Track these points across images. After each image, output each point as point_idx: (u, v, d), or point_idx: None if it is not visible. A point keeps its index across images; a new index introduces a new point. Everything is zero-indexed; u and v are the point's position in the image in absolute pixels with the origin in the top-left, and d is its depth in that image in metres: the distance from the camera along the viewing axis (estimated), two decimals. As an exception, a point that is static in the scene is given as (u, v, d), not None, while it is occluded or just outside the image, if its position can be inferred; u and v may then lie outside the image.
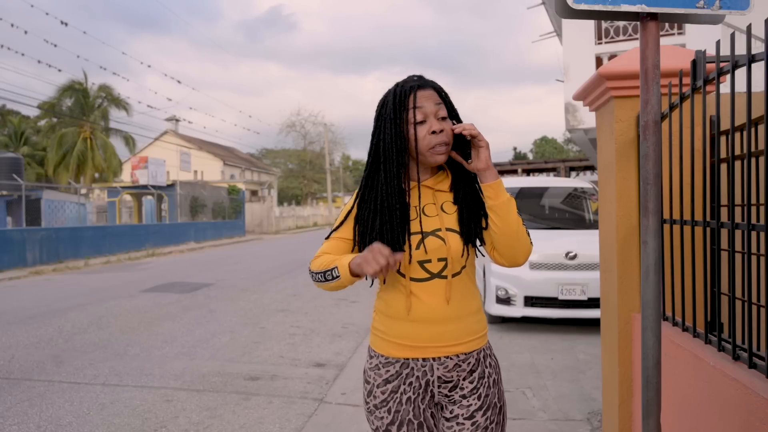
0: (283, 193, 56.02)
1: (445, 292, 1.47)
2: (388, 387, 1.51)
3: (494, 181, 1.43)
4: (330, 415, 3.73)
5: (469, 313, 1.52)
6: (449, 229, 1.49)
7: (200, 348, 5.58)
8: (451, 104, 1.52)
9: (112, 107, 30.26)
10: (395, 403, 1.50)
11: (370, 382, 1.54)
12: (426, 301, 1.47)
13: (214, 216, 26.58)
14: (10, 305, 8.35)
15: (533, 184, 8.07)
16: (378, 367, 1.53)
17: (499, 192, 1.43)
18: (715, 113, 1.84)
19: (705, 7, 1.44)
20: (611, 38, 14.17)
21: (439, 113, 1.46)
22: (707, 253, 1.98)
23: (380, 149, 1.49)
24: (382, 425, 1.51)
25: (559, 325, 6.27)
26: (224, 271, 12.57)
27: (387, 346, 1.52)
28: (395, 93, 1.49)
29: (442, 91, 1.51)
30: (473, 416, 1.49)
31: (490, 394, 1.52)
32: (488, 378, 1.53)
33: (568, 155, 51.40)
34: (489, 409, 1.50)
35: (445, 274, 1.47)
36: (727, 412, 1.68)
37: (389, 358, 1.51)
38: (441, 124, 1.45)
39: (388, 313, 1.53)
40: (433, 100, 1.47)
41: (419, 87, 1.47)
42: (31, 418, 3.75)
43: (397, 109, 1.46)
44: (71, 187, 20.20)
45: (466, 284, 1.52)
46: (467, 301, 1.51)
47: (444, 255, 1.47)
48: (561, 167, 21.14)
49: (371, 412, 1.54)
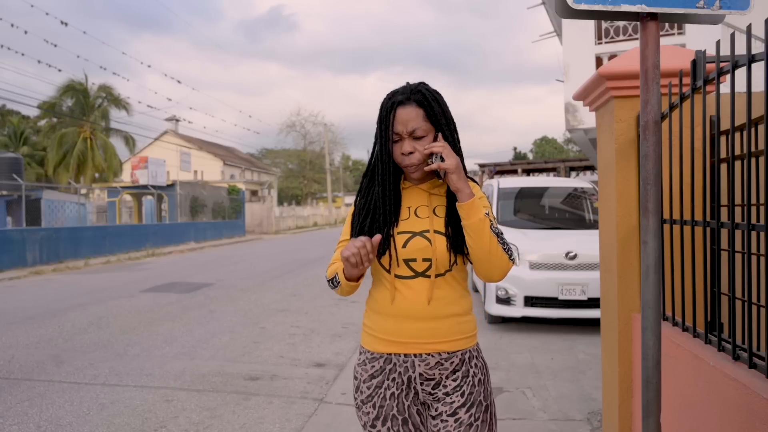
0: (283, 193, 56.03)
1: (427, 291, 1.50)
2: (373, 382, 1.54)
3: (465, 202, 1.43)
4: (330, 415, 3.73)
5: (453, 315, 1.53)
6: (437, 232, 1.52)
7: (200, 348, 5.58)
8: (442, 115, 1.50)
9: (112, 107, 30.25)
10: (380, 398, 1.53)
11: (357, 378, 1.59)
12: (408, 296, 1.51)
13: (214, 216, 26.57)
14: (10, 305, 8.35)
15: (533, 184, 8.08)
16: (365, 363, 1.57)
17: (470, 212, 1.43)
18: (715, 113, 1.84)
19: (705, 7, 1.44)
20: (611, 38, 14.17)
21: (414, 134, 1.48)
22: (707, 253, 1.98)
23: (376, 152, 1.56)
24: (368, 420, 1.54)
25: (559, 325, 6.27)
26: (224, 271, 12.57)
27: (372, 341, 1.56)
28: (382, 106, 1.53)
29: (427, 105, 1.49)
30: (456, 413, 1.50)
31: (474, 392, 1.52)
32: (473, 377, 1.53)
33: (568, 155, 51.40)
34: (473, 406, 1.51)
35: (428, 274, 1.50)
36: (727, 412, 1.68)
37: (374, 353, 1.55)
38: (413, 145, 1.49)
39: (374, 308, 1.58)
40: (410, 119, 1.48)
41: (400, 103, 1.49)
42: (31, 418, 3.75)
43: (382, 122, 1.52)
44: (71, 187, 20.19)
45: (452, 286, 1.53)
46: (452, 302, 1.52)
47: (429, 256, 1.50)
48: (561, 167, 21.11)
49: (359, 408, 1.58)
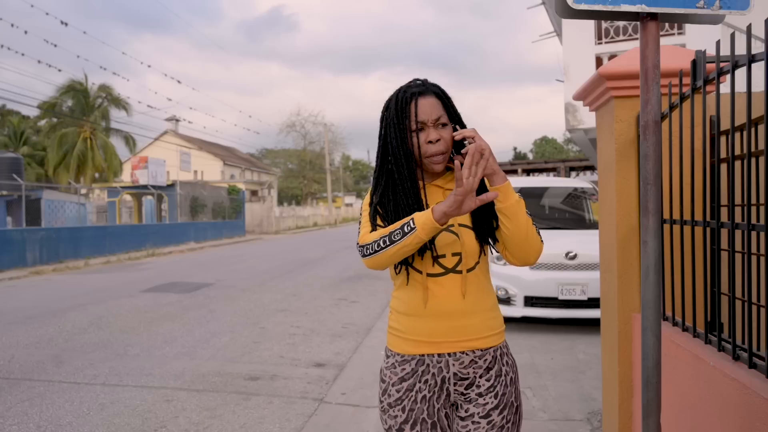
0: (283, 193, 56.03)
1: (460, 287, 1.48)
2: (404, 385, 1.50)
3: (502, 184, 1.42)
4: (330, 415, 3.73)
5: (485, 309, 1.52)
6: (462, 225, 1.50)
7: (200, 348, 5.57)
8: (454, 109, 1.53)
9: (112, 107, 30.25)
10: (410, 401, 1.49)
11: (385, 381, 1.54)
12: (442, 295, 1.48)
13: (214, 216, 26.57)
14: (10, 305, 8.35)
15: (533, 184, 8.07)
16: (394, 366, 1.53)
17: (508, 194, 1.43)
18: (715, 113, 1.84)
19: (705, 7, 1.44)
20: (611, 38, 14.16)
21: (439, 121, 1.48)
22: (707, 253, 1.98)
23: (389, 151, 1.51)
24: (395, 424, 1.50)
25: (559, 325, 6.27)
26: (224, 271, 12.57)
27: (403, 343, 1.52)
28: (397, 99, 1.51)
29: (443, 97, 1.51)
30: (489, 415, 1.48)
31: (507, 392, 1.51)
32: (505, 376, 1.52)
33: (568, 155, 51.40)
34: (506, 408, 1.49)
35: (459, 269, 1.48)
36: (727, 412, 1.68)
37: (405, 355, 1.51)
38: (439, 133, 1.47)
39: (404, 310, 1.53)
40: (433, 107, 1.48)
41: (420, 94, 1.48)
42: (31, 418, 3.75)
43: (399, 115, 1.49)
44: (71, 187, 20.18)
45: (481, 280, 1.53)
46: (482, 296, 1.52)
47: (458, 250, 1.48)
48: (561, 167, 21.13)
49: (385, 411, 1.53)
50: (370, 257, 1.45)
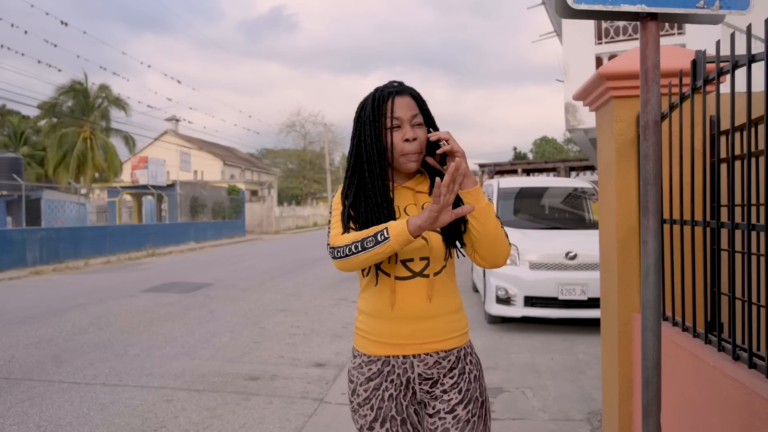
0: (283, 193, 56.00)
1: (427, 290, 1.51)
2: (371, 384, 1.54)
3: (473, 188, 1.46)
4: (330, 415, 3.73)
5: (450, 311, 1.54)
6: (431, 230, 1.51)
7: (200, 348, 5.58)
8: (428, 112, 1.56)
9: (112, 107, 30.26)
10: (378, 400, 1.53)
11: (353, 381, 1.58)
12: (408, 298, 1.50)
13: (214, 216, 26.57)
14: (10, 305, 8.35)
15: (533, 184, 8.08)
16: (361, 366, 1.56)
17: (478, 198, 1.46)
18: (715, 113, 1.84)
19: (705, 7, 1.44)
20: (611, 38, 14.16)
21: (415, 119, 1.51)
22: (707, 253, 1.98)
23: (362, 150, 1.53)
24: (366, 423, 1.54)
25: (559, 325, 6.27)
26: (224, 271, 12.57)
27: (369, 344, 1.55)
28: (374, 97, 1.53)
29: (419, 99, 1.55)
30: (454, 410, 1.51)
31: (471, 388, 1.53)
32: (469, 374, 1.55)
33: (568, 155, 51.38)
34: (470, 403, 1.52)
35: (426, 273, 1.51)
36: (727, 412, 1.68)
37: (371, 356, 1.54)
38: (415, 132, 1.50)
39: (370, 312, 1.55)
40: (409, 107, 1.51)
41: (397, 93, 1.51)
42: (31, 418, 3.75)
43: (376, 113, 1.51)
44: (71, 187, 20.18)
45: (447, 283, 1.55)
46: (448, 299, 1.55)
47: (426, 254, 1.50)
48: (561, 167, 21.11)
49: (355, 411, 1.57)
50: (340, 260, 1.46)
